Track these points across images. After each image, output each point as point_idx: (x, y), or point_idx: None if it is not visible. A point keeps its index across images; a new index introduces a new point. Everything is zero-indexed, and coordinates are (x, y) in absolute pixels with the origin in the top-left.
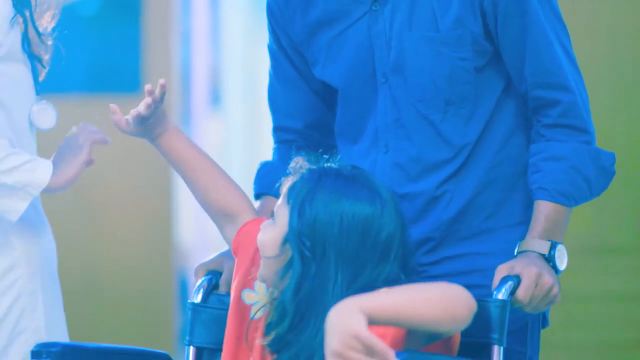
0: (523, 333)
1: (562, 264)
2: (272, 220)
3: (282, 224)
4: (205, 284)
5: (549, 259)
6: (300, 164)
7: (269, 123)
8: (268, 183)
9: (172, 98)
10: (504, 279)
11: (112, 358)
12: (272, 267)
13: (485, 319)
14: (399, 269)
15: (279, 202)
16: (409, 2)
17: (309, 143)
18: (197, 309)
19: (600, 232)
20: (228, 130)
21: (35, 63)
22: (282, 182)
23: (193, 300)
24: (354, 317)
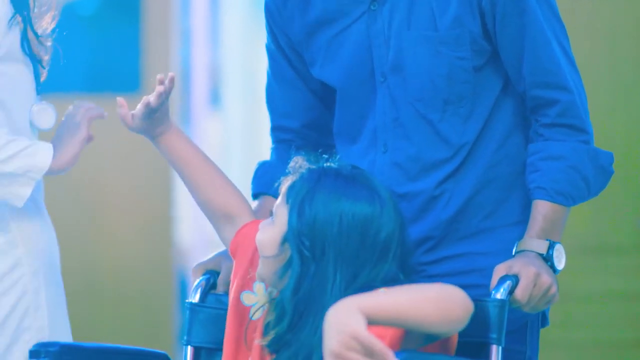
0: (522, 333)
1: (560, 264)
2: (271, 220)
3: (281, 224)
4: (203, 284)
5: (547, 259)
6: (300, 164)
7: (269, 123)
8: (266, 182)
9: (171, 98)
10: (502, 279)
11: (110, 358)
12: (270, 266)
13: (484, 319)
14: (398, 269)
15: (278, 201)
16: (408, 1)
17: (307, 143)
18: (194, 309)
19: (600, 231)
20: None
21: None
22: (281, 181)
23: (191, 300)
24: (353, 317)
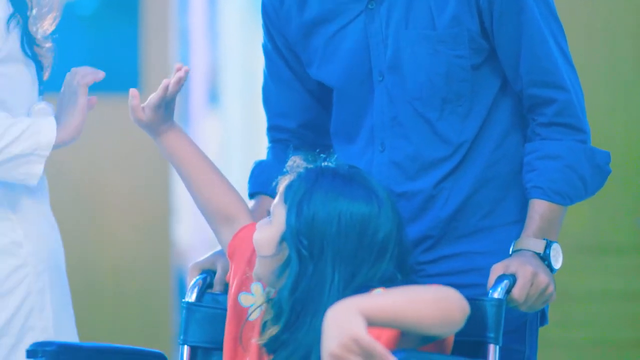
0: (522, 332)
1: (557, 263)
2: (268, 220)
3: (278, 223)
4: (200, 283)
5: (544, 258)
6: (297, 163)
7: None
8: (262, 182)
9: None
10: (500, 278)
11: (107, 357)
12: (268, 266)
13: (481, 318)
14: (396, 268)
15: (276, 201)
16: (406, 0)
17: (304, 143)
18: (191, 308)
19: (599, 231)
20: (226, 129)
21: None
22: (278, 181)
23: (187, 299)
24: (353, 319)
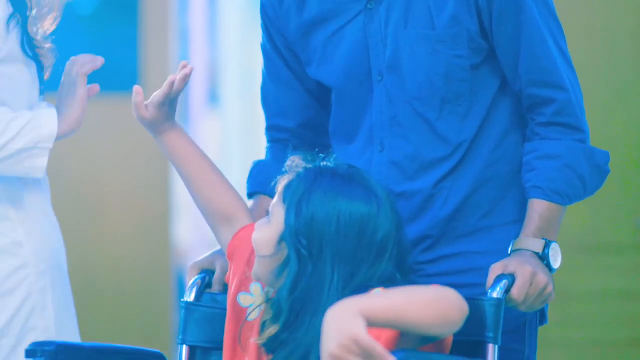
0: (521, 332)
1: (556, 263)
2: (267, 220)
3: (277, 223)
4: (199, 282)
5: (543, 258)
6: (296, 163)
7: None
8: (261, 182)
9: None
10: (499, 278)
11: (106, 357)
12: (267, 266)
13: (480, 318)
14: (395, 268)
15: (275, 200)
16: (405, 0)
17: (303, 142)
18: (190, 308)
19: (598, 230)
20: (226, 129)
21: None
22: (277, 180)
23: (186, 299)
24: (354, 320)
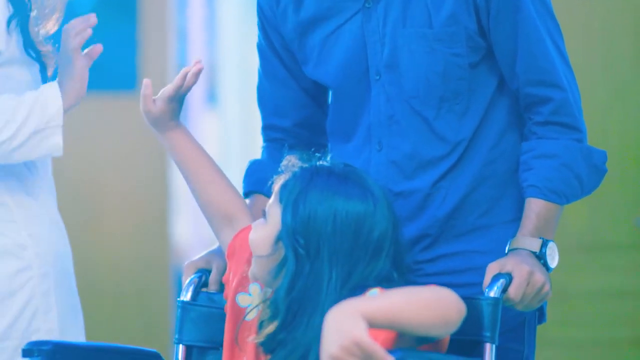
0: (520, 331)
1: (553, 262)
2: (264, 220)
3: (274, 223)
4: (196, 281)
5: (540, 257)
6: (292, 162)
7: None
8: (257, 181)
9: None
10: (496, 277)
11: (102, 356)
12: (264, 266)
13: (477, 317)
14: (392, 267)
15: (271, 200)
16: None
17: (299, 142)
18: (186, 307)
19: (597, 229)
20: (224, 128)
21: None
22: (273, 180)
23: (182, 298)
24: (355, 322)
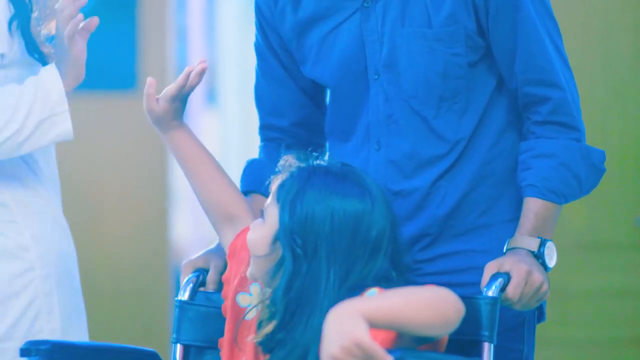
0: (520, 331)
1: (551, 261)
2: (261, 220)
3: (272, 223)
4: (194, 280)
5: (538, 256)
6: (290, 162)
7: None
8: (254, 181)
9: None
10: (494, 276)
11: (100, 356)
12: (262, 266)
13: (476, 317)
14: (390, 266)
15: (269, 200)
16: None
17: (297, 141)
18: (184, 307)
19: (596, 228)
20: (224, 128)
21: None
22: (271, 180)
23: (180, 298)
24: (356, 323)
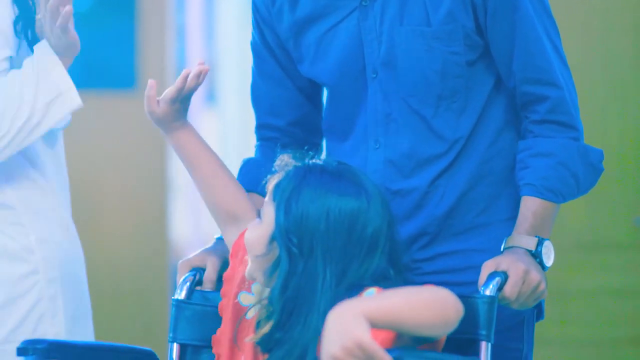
0: (519, 330)
1: (549, 260)
2: (259, 219)
3: (268, 222)
4: (191, 279)
5: (536, 255)
6: (285, 162)
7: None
8: (250, 180)
9: None
10: (491, 275)
11: (97, 355)
12: (259, 265)
13: (473, 316)
14: (388, 265)
15: (265, 200)
16: None
17: (293, 141)
18: (180, 306)
19: (596, 228)
20: (223, 127)
21: None
22: (267, 179)
23: (177, 297)
24: (357, 323)
